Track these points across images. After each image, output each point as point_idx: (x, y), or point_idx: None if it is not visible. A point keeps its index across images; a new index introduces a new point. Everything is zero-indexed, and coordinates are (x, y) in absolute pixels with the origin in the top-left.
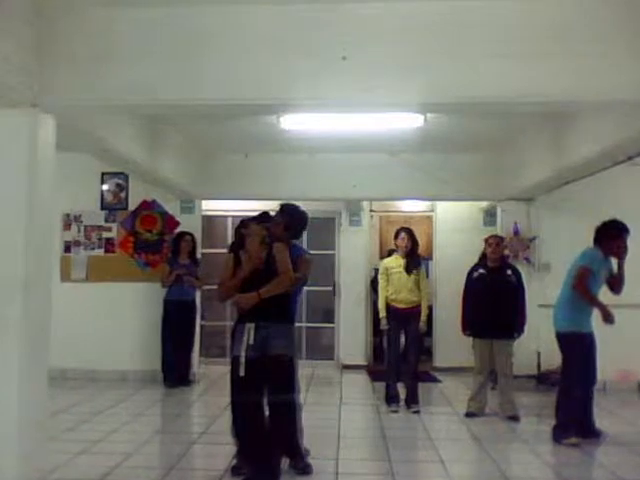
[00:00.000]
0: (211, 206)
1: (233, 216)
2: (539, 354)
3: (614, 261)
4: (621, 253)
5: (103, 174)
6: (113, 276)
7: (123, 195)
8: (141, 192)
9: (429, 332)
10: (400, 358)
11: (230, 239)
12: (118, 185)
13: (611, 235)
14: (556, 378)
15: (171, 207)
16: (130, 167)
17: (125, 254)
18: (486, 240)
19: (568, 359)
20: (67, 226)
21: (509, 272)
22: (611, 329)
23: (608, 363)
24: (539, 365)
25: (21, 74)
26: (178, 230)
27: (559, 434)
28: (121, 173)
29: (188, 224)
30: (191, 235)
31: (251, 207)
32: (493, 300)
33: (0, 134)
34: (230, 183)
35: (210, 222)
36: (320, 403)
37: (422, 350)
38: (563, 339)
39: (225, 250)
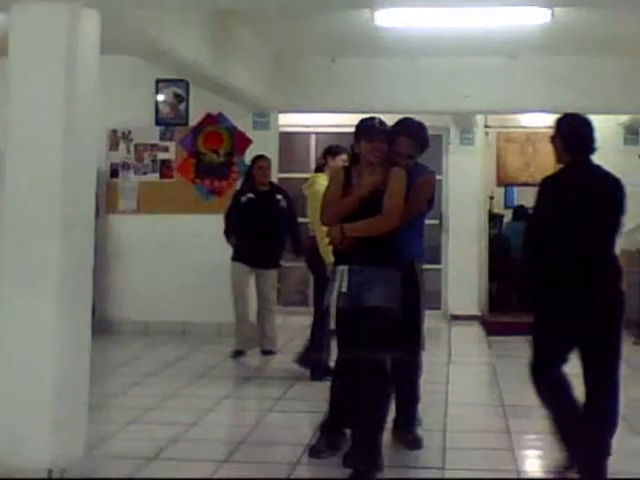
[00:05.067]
0: (290, 120)
1: (316, 132)
2: None
3: None
4: None
5: (158, 82)
6: (170, 207)
7: (182, 107)
8: (204, 104)
9: None
10: None
11: (314, 161)
12: (176, 95)
13: None
14: None
15: (241, 122)
16: (191, 73)
17: (185, 179)
18: (254, 162)
19: None
20: (114, 145)
21: (279, 196)
22: None
23: None
24: None
25: None
26: (249, 150)
27: None
28: (180, 80)
29: (262, 143)
30: (268, 160)
31: (340, 122)
32: (261, 226)
33: (32, 33)
34: (313, 92)
35: (289, 140)
36: (424, 362)
37: None
38: None
39: (308, 175)
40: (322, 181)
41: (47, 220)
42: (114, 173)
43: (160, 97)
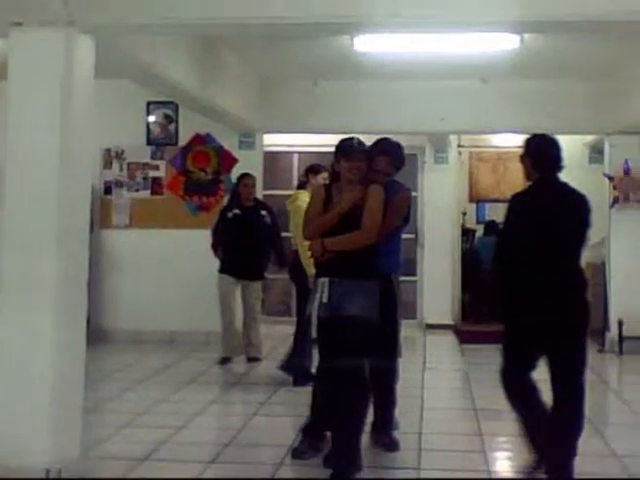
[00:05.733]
0: (274, 140)
1: (299, 152)
2: None
3: None
4: None
5: (149, 104)
6: (160, 222)
7: (172, 128)
8: (193, 124)
9: None
10: None
11: (296, 178)
12: (166, 116)
13: None
14: None
15: (228, 142)
16: (180, 95)
17: (175, 196)
18: (240, 179)
19: None
20: (108, 164)
21: (264, 212)
22: None
23: None
24: None
25: None
26: (235, 169)
27: None
28: (170, 102)
29: (247, 161)
30: (253, 178)
31: (321, 142)
32: (246, 240)
33: (30, 58)
34: (296, 114)
35: (273, 159)
36: (400, 369)
37: None
38: None
39: (291, 192)
40: (304, 198)
41: (44, 234)
42: (108, 190)
43: (151, 118)
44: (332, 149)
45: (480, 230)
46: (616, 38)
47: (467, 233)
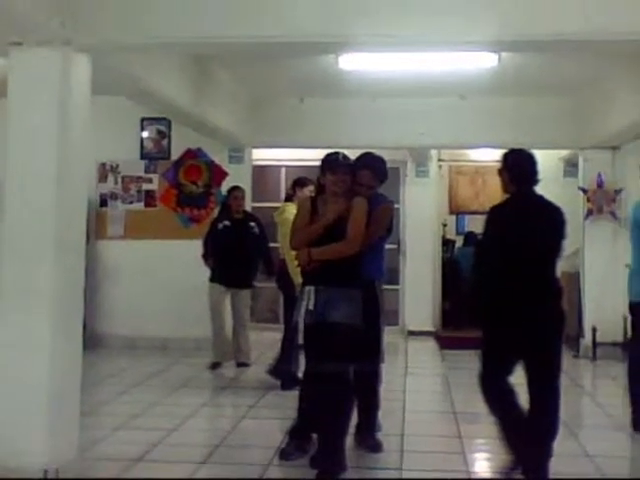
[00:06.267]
0: (262, 155)
1: (286, 166)
2: (626, 319)
3: None
4: None
5: (143, 120)
6: (153, 233)
7: (165, 143)
8: (185, 140)
9: None
10: None
11: (283, 191)
12: (159, 132)
13: None
14: None
15: (218, 156)
16: (173, 112)
17: (167, 208)
18: (230, 192)
19: None
20: (103, 177)
21: (252, 224)
22: None
23: None
24: (626, 332)
25: (51, 9)
26: (225, 182)
27: None
28: (163, 118)
29: (237, 175)
30: (242, 190)
31: (307, 156)
32: (236, 250)
33: (29, 76)
34: (283, 130)
35: (261, 173)
36: (383, 373)
37: None
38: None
39: (278, 204)
40: (291, 210)
41: (42, 244)
42: (103, 202)
43: (145, 134)
44: (318, 163)
45: (460, 241)
46: (590, 56)
47: (447, 243)
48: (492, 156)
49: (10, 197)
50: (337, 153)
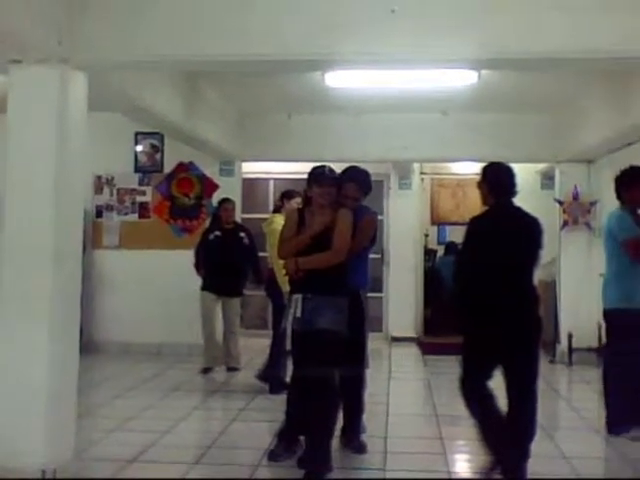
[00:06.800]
0: (251, 168)
1: (274, 179)
2: (600, 326)
3: None
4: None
5: (137, 134)
6: (147, 243)
7: (158, 157)
8: (177, 153)
9: None
10: None
11: (272, 203)
12: (153, 146)
13: (629, 183)
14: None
15: (209, 169)
16: (165, 127)
17: (160, 219)
18: (221, 204)
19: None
20: (99, 189)
21: (242, 234)
22: None
23: None
24: (600, 338)
25: (49, 28)
26: (216, 194)
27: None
28: (156, 133)
29: (227, 188)
30: (232, 202)
31: (294, 169)
32: (226, 260)
33: (28, 92)
34: (272, 144)
35: (251, 185)
36: (368, 378)
37: None
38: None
39: (267, 215)
40: (279, 221)
41: (41, 254)
42: (99, 214)
43: (139, 148)
44: (305, 176)
45: (441, 250)
46: (566, 74)
47: (429, 253)
48: (472, 169)
49: (10, 208)
50: (323, 167)
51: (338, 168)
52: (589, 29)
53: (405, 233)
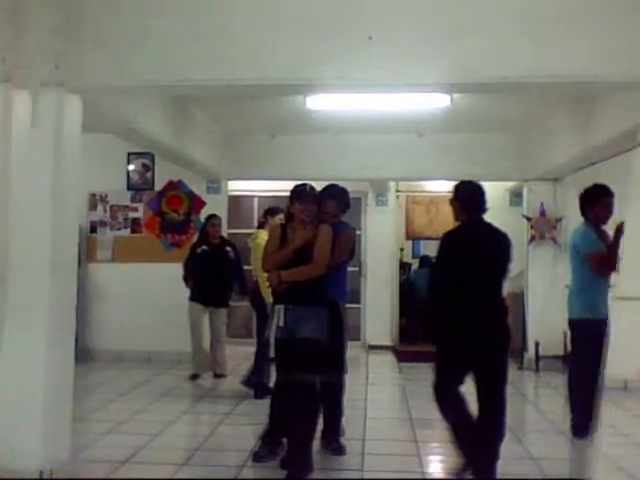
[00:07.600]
0: (237, 186)
1: (259, 196)
2: (566, 335)
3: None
4: (603, 217)
5: (129, 154)
6: (139, 256)
7: (149, 175)
8: (167, 172)
9: None
10: None
11: (256, 219)
12: (144, 165)
13: (592, 200)
14: None
15: (197, 187)
16: (156, 147)
17: (151, 234)
18: (208, 220)
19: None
20: (93, 206)
21: (228, 248)
22: (631, 324)
23: (629, 360)
24: (566, 346)
25: (47, 53)
26: (204, 211)
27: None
28: (147, 153)
29: (214, 204)
30: (219, 218)
31: (277, 187)
32: (213, 273)
33: (25, 114)
34: (256, 163)
35: (236, 202)
36: (347, 383)
37: None
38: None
39: (251, 230)
40: (263, 236)
41: (39, 266)
42: (93, 229)
43: (131, 167)
44: (287, 194)
45: (415, 264)
46: (533, 97)
47: (404, 266)
48: (445, 187)
49: (11, 224)
50: (305, 184)
51: (318, 186)
52: (552, 55)
53: (382, 247)
